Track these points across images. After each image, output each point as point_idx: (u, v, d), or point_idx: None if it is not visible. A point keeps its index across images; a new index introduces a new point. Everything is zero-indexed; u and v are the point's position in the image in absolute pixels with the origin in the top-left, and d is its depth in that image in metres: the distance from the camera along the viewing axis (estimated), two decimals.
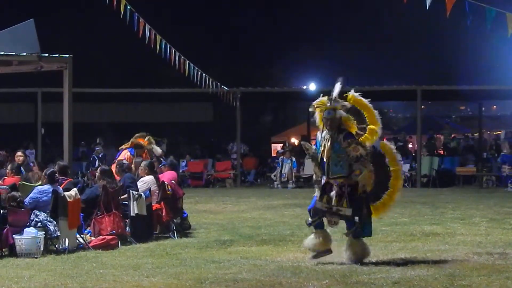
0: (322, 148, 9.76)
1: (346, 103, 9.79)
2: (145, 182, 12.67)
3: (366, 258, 9.74)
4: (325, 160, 9.72)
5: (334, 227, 9.87)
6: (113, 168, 13.04)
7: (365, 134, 9.76)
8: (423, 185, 24.89)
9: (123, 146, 14.50)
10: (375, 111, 9.90)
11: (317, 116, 9.91)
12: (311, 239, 9.88)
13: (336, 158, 9.64)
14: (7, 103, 27.83)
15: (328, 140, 9.72)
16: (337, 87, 9.80)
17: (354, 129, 9.77)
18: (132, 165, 13.31)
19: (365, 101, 9.87)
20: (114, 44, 32.90)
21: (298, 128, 35.62)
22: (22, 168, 14.01)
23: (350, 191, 9.61)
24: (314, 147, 9.99)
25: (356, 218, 9.69)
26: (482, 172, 25.54)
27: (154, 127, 29.55)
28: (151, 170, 12.87)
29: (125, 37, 22.76)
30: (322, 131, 9.86)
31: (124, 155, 14.08)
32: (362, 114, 9.86)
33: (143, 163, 12.99)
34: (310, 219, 9.98)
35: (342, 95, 9.87)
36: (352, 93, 9.90)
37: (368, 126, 9.80)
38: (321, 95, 10.00)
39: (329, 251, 9.82)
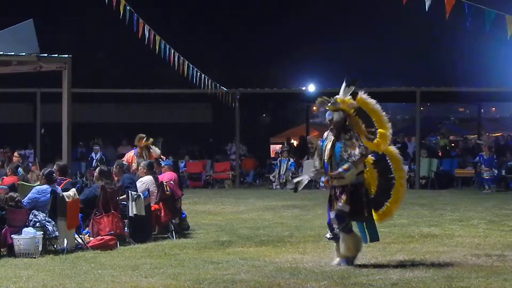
0: (325, 149, 9.75)
1: (353, 102, 9.72)
2: (144, 182, 12.68)
3: (359, 251, 9.69)
4: (325, 160, 9.71)
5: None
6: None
7: (377, 139, 9.65)
8: (421, 186, 24.90)
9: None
10: (383, 114, 9.81)
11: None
12: (337, 250, 9.77)
13: (339, 158, 9.60)
14: (6, 103, 27.80)
15: (331, 140, 9.70)
16: (347, 89, 9.75)
17: (363, 133, 9.68)
18: (134, 164, 13.32)
19: (373, 104, 9.76)
20: (113, 44, 32.88)
21: (297, 129, 35.63)
22: (20, 169, 13.99)
23: (353, 191, 9.58)
24: (319, 142, 9.95)
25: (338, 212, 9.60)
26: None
27: (153, 127, 29.57)
28: (150, 170, 12.88)
29: (124, 38, 22.76)
30: (328, 131, 9.84)
31: (128, 155, 14.12)
32: (370, 117, 9.82)
33: (143, 163, 13.01)
34: (329, 233, 9.87)
35: (353, 94, 9.79)
36: (360, 95, 9.85)
37: (378, 130, 9.70)
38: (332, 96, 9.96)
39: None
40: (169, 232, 12.77)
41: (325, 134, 9.93)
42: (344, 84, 9.82)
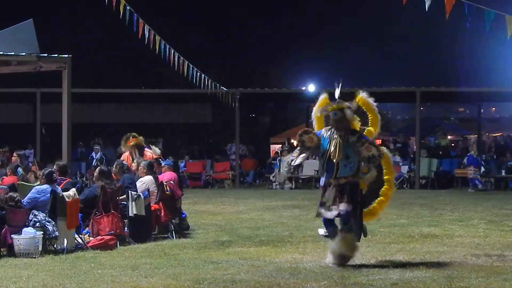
0: (333, 148, 9.65)
1: (352, 103, 9.74)
2: (144, 182, 12.67)
3: (355, 253, 9.69)
4: (334, 161, 9.62)
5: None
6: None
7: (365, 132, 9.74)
8: (421, 186, 24.90)
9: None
10: (379, 116, 9.91)
11: (315, 114, 9.91)
12: (333, 244, 9.68)
13: (346, 160, 9.57)
14: (6, 103, 27.81)
15: (337, 141, 9.64)
16: (337, 89, 9.78)
17: (357, 128, 9.74)
18: (134, 164, 13.32)
19: (373, 104, 9.86)
20: (113, 44, 32.92)
21: (298, 129, 35.58)
22: (19, 169, 13.99)
23: (350, 190, 9.56)
24: (315, 135, 9.81)
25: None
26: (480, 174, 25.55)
27: (153, 127, 29.59)
28: (150, 170, 12.88)
29: (124, 38, 22.78)
30: (328, 130, 9.78)
31: (124, 156, 14.14)
32: (366, 115, 9.85)
33: (143, 163, 13.01)
34: (324, 230, 9.84)
35: (349, 95, 9.83)
36: (361, 94, 9.87)
37: (367, 128, 9.81)
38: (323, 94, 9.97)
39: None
40: (169, 232, 12.77)
41: (323, 131, 9.87)
42: (339, 85, 9.82)
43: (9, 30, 14.82)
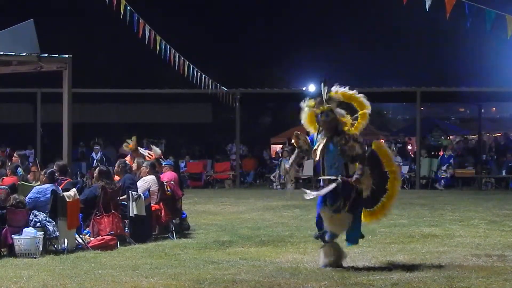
0: (315, 148, 9.64)
1: (337, 97, 9.70)
2: (146, 181, 12.70)
3: (341, 257, 9.63)
4: (317, 159, 9.57)
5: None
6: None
7: (358, 120, 9.64)
8: (422, 186, 24.92)
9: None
10: (360, 95, 9.76)
11: (305, 117, 9.88)
12: (323, 257, 9.61)
13: (331, 160, 9.51)
14: (6, 103, 27.83)
15: (323, 141, 9.58)
16: (324, 87, 9.75)
17: (348, 124, 9.61)
18: (134, 165, 13.35)
19: (348, 91, 9.74)
20: (114, 44, 32.90)
21: (297, 130, 35.59)
22: (19, 169, 13.99)
23: (342, 188, 9.44)
24: (307, 138, 9.82)
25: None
26: (481, 174, 25.59)
27: (154, 127, 29.61)
28: (153, 170, 12.90)
29: (124, 38, 22.78)
30: (318, 133, 9.73)
31: (127, 158, 14.20)
32: (352, 105, 9.77)
33: (145, 163, 13.06)
34: (317, 232, 9.75)
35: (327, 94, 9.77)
36: (334, 90, 9.78)
37: (359, 112, 9.70)
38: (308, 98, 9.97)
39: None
40: (170, 232, 12.78)
41: (315, 135, 9.78)
42: (322, 85, 9.78)
43: (9, 30, 14.83)
